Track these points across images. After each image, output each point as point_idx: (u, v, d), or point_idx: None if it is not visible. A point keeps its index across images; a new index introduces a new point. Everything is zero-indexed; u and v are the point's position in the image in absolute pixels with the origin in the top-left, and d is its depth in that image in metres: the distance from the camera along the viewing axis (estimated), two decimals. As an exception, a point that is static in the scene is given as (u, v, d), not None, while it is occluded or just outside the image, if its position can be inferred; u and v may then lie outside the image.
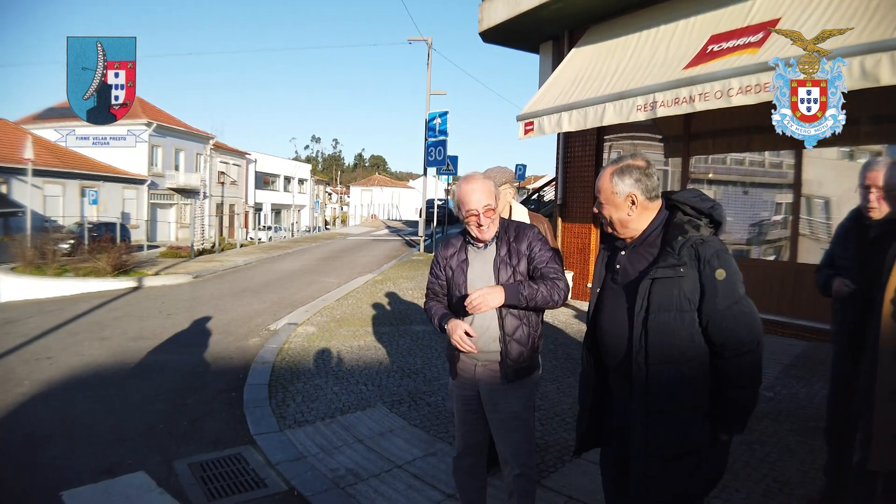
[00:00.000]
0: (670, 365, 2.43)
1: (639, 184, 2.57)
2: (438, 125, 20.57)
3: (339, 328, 9.28)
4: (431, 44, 25.83)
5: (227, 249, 27.67)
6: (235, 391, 6.53)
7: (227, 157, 49.34)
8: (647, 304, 2.44)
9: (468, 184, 3.16)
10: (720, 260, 2.41)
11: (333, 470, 4.61)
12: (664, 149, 10.79)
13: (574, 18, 11.06)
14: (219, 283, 15.66)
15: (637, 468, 2.55)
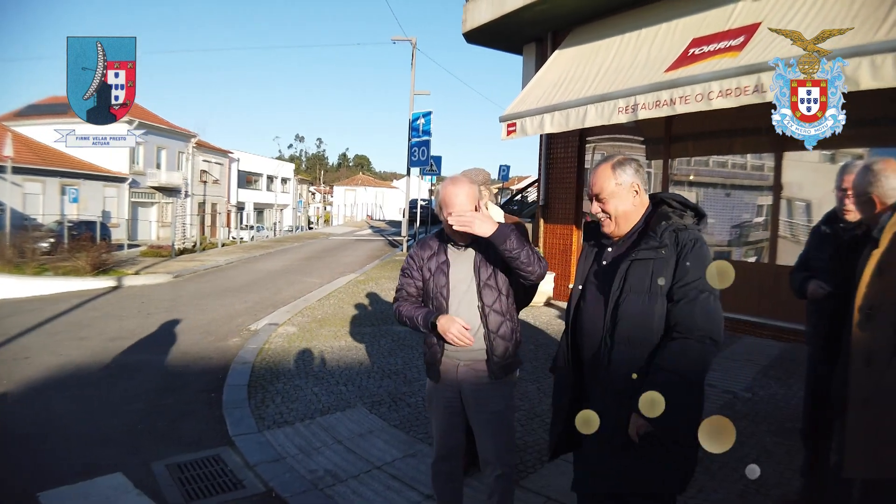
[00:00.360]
0: (632, 348, 2.44)
1: (639, 174, 2.64)
2: (422, 125, 20.55)
3: (320, 328, 9.24)
4: (416, 44, 25.82)
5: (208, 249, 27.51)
6: (215, 392, 6.49)
7: (209, 155, 49.11)
8: (623, 284, 2.46)
9: (453, 186, 3.12)
10: (696, 247, 2.43)
11: (312, 471, 4.59)
12: (646, 151, 10.85)
13: (557, 20, 11.09)
14: (200, 282, 15.57)
15: (590, 451, 2.57)
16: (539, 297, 10.95)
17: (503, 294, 3.18)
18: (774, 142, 8.47)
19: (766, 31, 6.92)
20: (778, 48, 6.43)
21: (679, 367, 2.34)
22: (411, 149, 20.61)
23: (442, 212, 3.15)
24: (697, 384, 2.44)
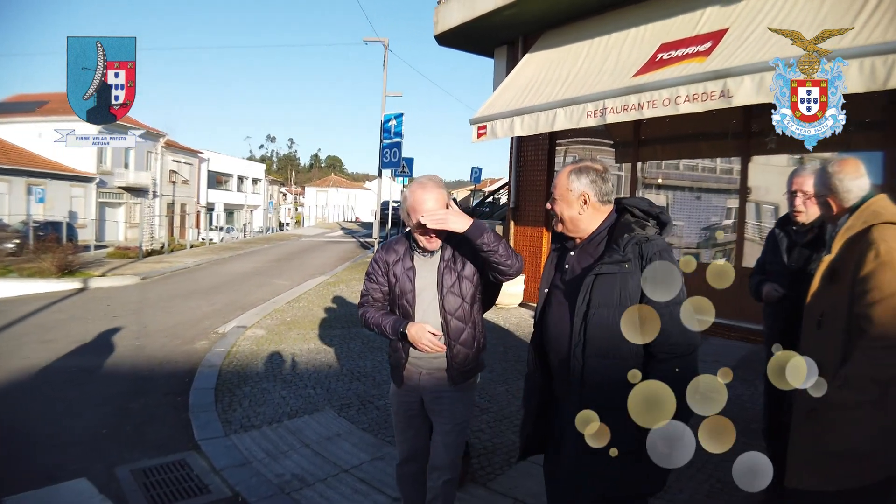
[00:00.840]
0: (606, 360, 2.44)
1: (594, 185, 2.61)
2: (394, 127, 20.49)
3: (288, 331, 9.18)
4: (388, 45, 25.79)
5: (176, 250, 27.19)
6: (181, 395, 6.42)
7: (178, 155, 48.46)
8: (588, 299, 2.46)
9: (423, 191, 3.06)
10: (662, 259, 2.43)
11: (279, 475, 4.56)
12: (615, 154, 10.93)
13: (528, 24, 11.12)
14: (167, 284, 15.38)
15: (568, 462, 2.57)
16: (512, 299, 10.99)
17: (466, 301, 3.17)
18: (741, 146, 8.59)
19: (733, 37, 7.01)
20: (743, 54, 6.53)
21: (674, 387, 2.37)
22: (383, 150, 20.54)
23: (409, 217, 3.10)
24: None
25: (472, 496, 4.20)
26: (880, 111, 7.17)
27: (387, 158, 20.32)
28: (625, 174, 10.47)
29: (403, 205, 3.19)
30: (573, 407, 2.50)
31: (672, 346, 2.37)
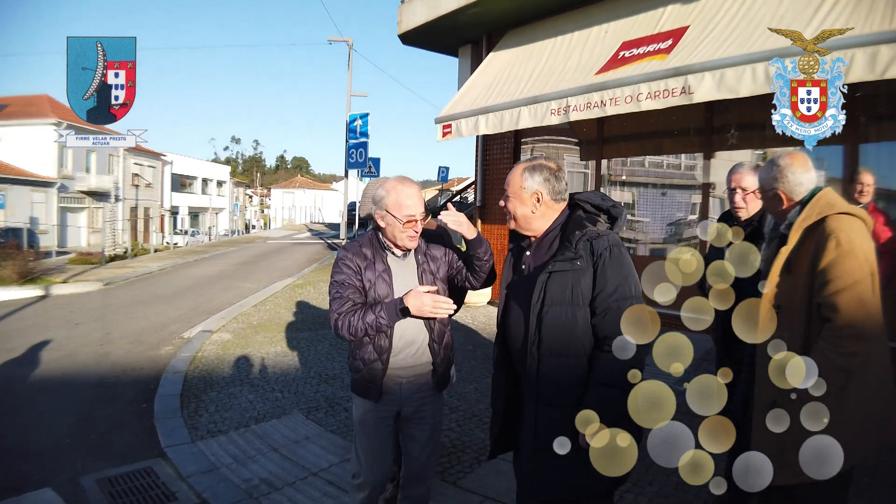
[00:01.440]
0: (561, 358, 2.46)
1: (547, 183, 2.62)
2: (359, 127, 20.43)
3: (255, 334, 9.10)
4: (352, 45, 25.71)
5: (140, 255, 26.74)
6: (146, 402, 6.33)
7: (141, 158, 47.75)
8: (543, 297, 2.48)
9: (407, 186, 2.99)
10: (613, 254, 2.46)
11: (247, 480, 4.52)
12: (580, 152, 11.02)
13: (492, 23, 11.15)
14: (131, 290, 15.13)
15: (525, 464, 2.59)
16: (480, 297, 11.01)
17: None
18: (703, 142, 8.70)
19: (693, 35, 7.10)
20: (704, 52, 6.61)
21: (616, 380, 2.34)
22: (349, 151, 20.47)
23: (387, 214, 2.96)
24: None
25: (441, 495, 4.20)
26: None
27: (353, 159, 20.25)
28: (590, 171, 10.55)
29: (380, 201, 3.00)
30: (530, 405, 2.52)
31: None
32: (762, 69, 5.86)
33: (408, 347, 3.04)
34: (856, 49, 5.34)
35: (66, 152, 40.38)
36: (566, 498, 2.57)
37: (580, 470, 2.44)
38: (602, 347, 2.44)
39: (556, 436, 2.45)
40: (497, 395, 2.87)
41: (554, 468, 2.49)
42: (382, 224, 3.02)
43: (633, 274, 2.51)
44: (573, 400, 2.44)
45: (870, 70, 5.30)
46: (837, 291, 2.46)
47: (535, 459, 2.53)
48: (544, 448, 2.48)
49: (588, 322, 2.45)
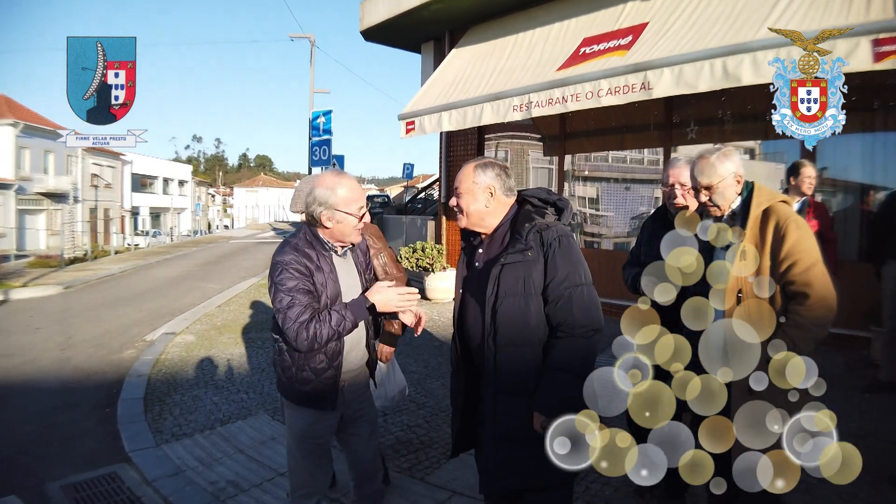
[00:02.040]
0: (517, 348, 2.51)
1: (499, 178, 2.68)
2: (322, 124, 20.23)
3: (219, 336, 9.01)
4: (314, 41, 25.52)
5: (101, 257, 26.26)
6: (109, 407, 6.22)
7: (100, 158, 46.85)
8: (496, 289, 2.52)
9: (348, 178, 2.90)
10: (562, 244, 2.52)
11: (213, 483, 4.47)
12: (543, 147, 11.10)
13: (454, 19, 11.19)
14: (92, 292, 14.87)
15: (485, 454, 2.63)
16: (445, 294, 11.02)
17: None
18: (663, 137, 8.82)
19: (653, 31, 7.20)
20: (663, 48, 6.70)
21: (568, 365, 2.46)
22: (312, 148, 20.26)
23: (339, 212, 2.84)
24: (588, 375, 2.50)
25: (410, 491, 4.21)
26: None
27: (316, 156, 20.04)
28: (554, 167, 10.63)
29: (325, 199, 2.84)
30: (489, 395, 2.55)
31: (570, 326, 2.46)
32: (720, 65, 5.97)
33: (354, 349, 2.99)
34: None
35: (22, 153, 39.49)
36: (528, 486, 2.60)
37: (541, 458, 2.48)
38: (556, 334, 2.51)
39: (515, 423, 2.50)
40: (456, 394, 2.88)
41: (515, 457, 2.54)
42: (330, 224, 2.87)
43: (583, 262, 2.58)
44: (530, 388, 2.51)
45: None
46: (809, 267, 2.59)
47: (497, 448, 2.57)
48: (505, 436, 2.52)
49: (541, 311, 2.51)
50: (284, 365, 2.92)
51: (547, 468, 2.48)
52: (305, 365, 2.87)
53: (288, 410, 3.07)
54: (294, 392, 2.94)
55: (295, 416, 3.01)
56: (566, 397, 2.33)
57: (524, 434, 2.50)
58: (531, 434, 2.48)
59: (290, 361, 2.89)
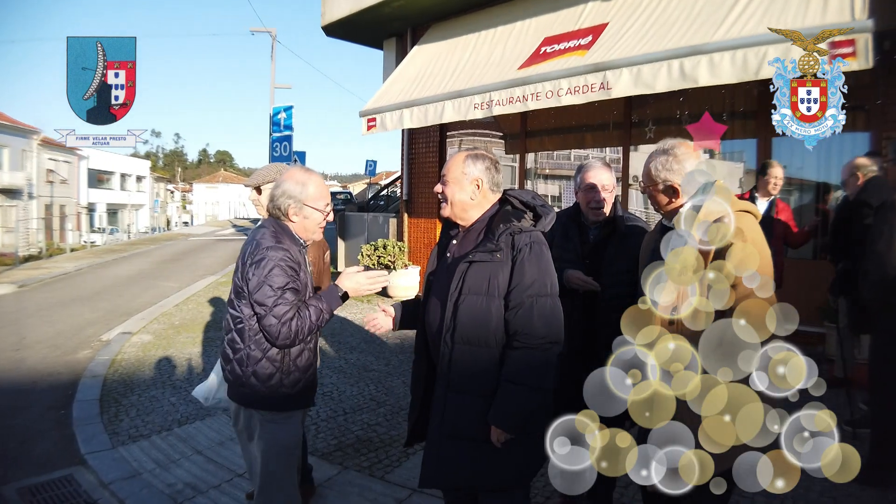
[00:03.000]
0: (472, 347, 2.49)
1: (488, 172, 2.67)
2: (283, 120, 20.03)
3: (177, 335, 8.90)
4: (275, 36, 25.25)
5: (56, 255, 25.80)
6: (65, 408, 6.12)
7: (55, 153, 45.73)
8: (461, 286, 2.51)
9: (315, 174, 2.93)
10: (533, 250, 2.49)
11: (171, 485, 4.42)
12: (505, 145, 11.15)
13: (416, 16, 11.18)
14: (47, 291, 14.56)
15: (430, 448, 2.61)
16: (406, 291, 11.03)
17: None
18: (622, 136, 8.92)
19: (612, 31, 7.26)
20: (622, 48, 6.76)
21: (525, 378, 2.43)
22: (273, 144, 20.08)
23: (308, 206, 2.86)
24: (544, 389, 2.50)
25: (368, 490, 4.21)
26: (754, 100, 7.59)
27: (277, 153, 19.84)
28: (516, 165, 10.69)
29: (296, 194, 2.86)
30: (441, 391, 2.54)
31: (528, 336, 2.43)
32: (677, 66, 6.04)
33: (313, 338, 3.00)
34: (769, 46, 5.54)
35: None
36: (470, 486, 2.62)
37: (484, 461, 2.49)
38: (512, 344, 2.47)
39: (462, 422, 2.48)
40: (416, 383, 2.87)
41: (458, 455, 2.53)
42: (297, 219, 2.90)
43: (552, 273, 2.55)
44: (482, 388, 2.49)
45: (781, 66, 5.51)
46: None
47: (441, 445, 2.56)
48: (451, 434, 2.51)
49: (502, 314, 2.48)
50: (264, 375, 2.79)
51: (497, 470, 2.50)
52: (292, 365, 2.85)
53: (270, 426, 2.87)
54: (281, 399, 2.85)
55: (279, 428, 2.89)
56: (522, 411, 2.42)
57: (470, 434, 2.49)
58: (478, 435, 2.48)
59: (273, 369, 2.80)
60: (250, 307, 2.77)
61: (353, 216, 15.75)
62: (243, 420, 2.90)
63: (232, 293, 2.91)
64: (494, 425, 2.44)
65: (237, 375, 2.83)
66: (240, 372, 2.81)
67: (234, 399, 2.93)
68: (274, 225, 2.89)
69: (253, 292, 2.73)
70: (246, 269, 2.78)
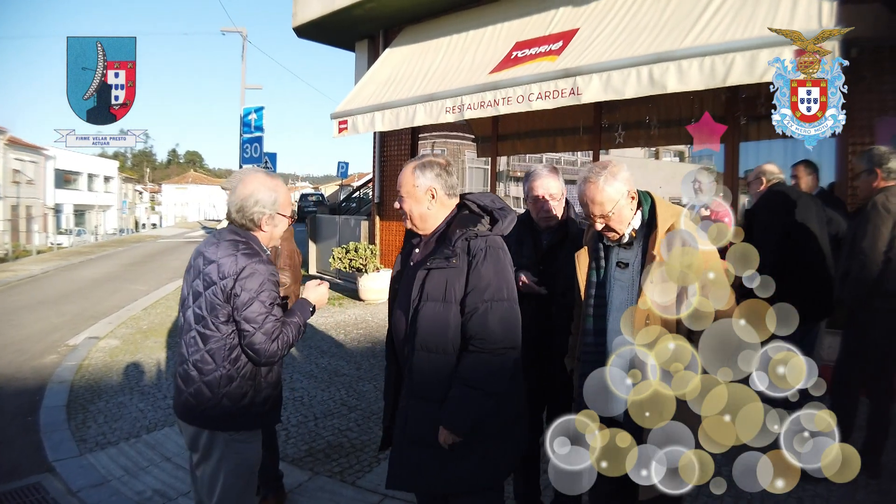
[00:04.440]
0: (431, 354, 2.50)
1: (439, 178, 2.65)
2: (254, 121, 19.94)
3: (145, 340, 8.81)
4: (246, 36, 25.10)
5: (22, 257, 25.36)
6: (31, 415, 6.04)
7: (21, 153, 44.87)
8: (420, 293, 2.52)
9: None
10: (489, 255, 2.50)
11: (139, 492, 4.38)
12: (477, 149, 11.22)
13: (388, 19, 11.20)
14: (12, 295, 14.30)
15: (395, 451, 2.64)
16: (378, 295, 11.01)
17: None
18: (593, 140, 9.00)
19: (583, 37, 7.33)
20: (592, 54, 6.84)
21: (478, 382, 2.45)
22: (243, 145, 19.95)
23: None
24: (497, 393, 2.51)
25: (340, 496, 4.22)
26: (722, 106, 7.70)
27: (247, 154, 19.72)
28: (488, 167, 10.75)
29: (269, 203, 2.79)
30: (405, 397, 2.57)
31: (484, 340, 2.44)
32: (646, 72, 6.12)
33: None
34: (736, 53, 5.64)
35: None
36: (433, 490, 2.65)
37: (449, 466, 2.51)
38: (468, 347, 2.47)
39: (424, 428, 2.49)
40: (388, 388, 2.89)
41: (420, 461, 2.55)
42: (268, 228, 2.84)
43: (509, 277, 2.56)
44: (440, 395, 2.49)
45: (749, 73, 5.59)
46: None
47: (405, 449, 2.58)
48: (413, 440, 2.52)
49: (458, 320, 2.49)
50: (237, 395, 2.70)
51: (462, 473, 2.52)
52: (264, 382, 2.80)
53: (236, 446, 2.77)
54: (252, 417, 2.79)
55: (245, 448, 2.81)
56: (473, 414, 2.45)
57: (431, 440, 2.49)
58: (437, 441, 2.49)
59: (246, 388, 2.73)
60: (232, 324, 2.67)
61: (325, 218, 15.70)
62: (204, 443, 2.75)
63: (198, 310, 2.72)
64: (444, 427, 2.44)
65: (204, 398, 2.68)
66: (209, 395, 2.67)
67: (195, 424, 2.75)
68: (244, 236, 2.80)
69: (241, 308, 2.63)
70: (227, 283, 2.65)
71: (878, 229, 4.11)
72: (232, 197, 2.79)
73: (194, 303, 2.74)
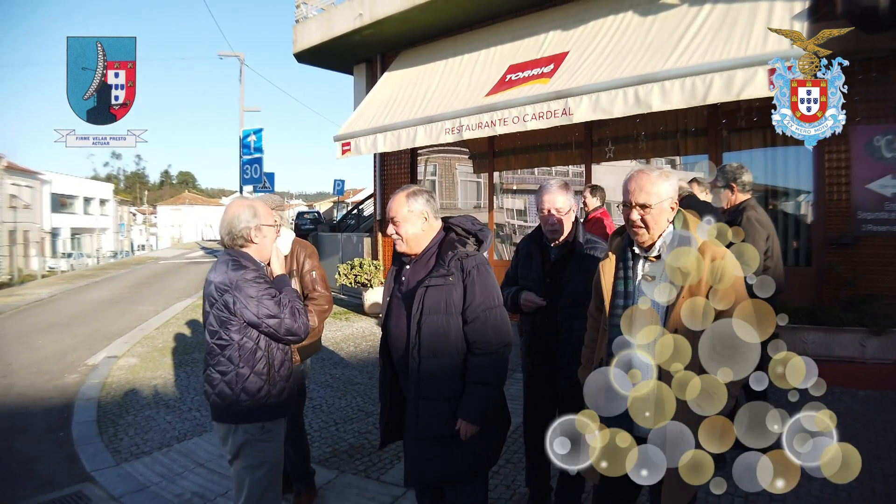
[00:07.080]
0: (437, 359, 2.93)
1: (428, 203, 3.11)
2: (253, 142, 20.22)
3: (162, 357, 9.14)
4: (244, 60, 25.47)
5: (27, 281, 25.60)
6: (62, 430, 6.33)
7: (18, 178, 45.06)
8: (421, 308, 2.93)
9: (257, 200, 3.40)
10: (479, 272, 2.97)
11: (178, 495, 4.68)
12: (473, 165, 11.60)
13: (385, 43, 11.63)
14: (23, 318, 14.55)
15: (409, 450, 3.06)
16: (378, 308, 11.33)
17: None
18: (584, 155, 9.41)
19: (572, 60, 7.75)
20: (581, 76, 7.25)
21: (488, 379, 2.96)
22: (243, 166, 20.26)
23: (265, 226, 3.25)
24: (501, 385, 3.06)
25: (366, 490, 4.57)
26: (704, 120, 8.13)
27: (247, 175, 20.02)
28: (483, 181, 11.14)
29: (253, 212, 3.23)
30: (412, 400, 3.01)
31: (485, 344, 2.94)
32: (632, 93, 6.54)
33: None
34: (714, 74, 6.05)
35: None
36: (443, 480, 3.07)
37: (455, 455, 2.98)
38: (473, 351, 2.95)
39: (434, 424, 2.96)
40: (384, 392, 3.31)
41: (431, 454, 2.97)
42: (258, 239, 3.24)
43: (496, 287, 3.04)
44: (447, 392, 2.95)
45: (726, 92, 6.01)
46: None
47: (418, 447, 3.00)
48: (425, 437, 2.98)
49: (460, 328, 2.94)
50: (253, 389, 3.09)
51: (459, 464, 3.00)
52: (277, 376, 3.20)
53: (258, 444, 3.15)
54: (270, 409, 3.16)
55: (267, 442, 3.19)
56: (485, 406, 2.94)
57: (440, 433, 2.94)
58: (447, 434, 2.93)
59: (261, 383, 3.11)
60: (242, 332, 3.07)
61: (327, 236, 16.02)
62: (231, 442, 3.14)
63: (213, 325, 3.12)
64: (464, 420, 2.90)
65: (226, 395, 3.07)
66: (229, 391, 3.06)
67: (223, 421, 3.15)
68: (235, 254, 3.19)
69: (258, 314, 3.04)
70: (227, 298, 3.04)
71: (757, 243, 4.39)
72: (221, 225, 3.25)
73: (207, 321, 3.17)
